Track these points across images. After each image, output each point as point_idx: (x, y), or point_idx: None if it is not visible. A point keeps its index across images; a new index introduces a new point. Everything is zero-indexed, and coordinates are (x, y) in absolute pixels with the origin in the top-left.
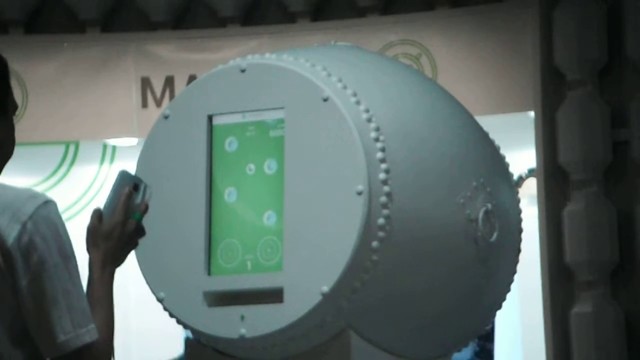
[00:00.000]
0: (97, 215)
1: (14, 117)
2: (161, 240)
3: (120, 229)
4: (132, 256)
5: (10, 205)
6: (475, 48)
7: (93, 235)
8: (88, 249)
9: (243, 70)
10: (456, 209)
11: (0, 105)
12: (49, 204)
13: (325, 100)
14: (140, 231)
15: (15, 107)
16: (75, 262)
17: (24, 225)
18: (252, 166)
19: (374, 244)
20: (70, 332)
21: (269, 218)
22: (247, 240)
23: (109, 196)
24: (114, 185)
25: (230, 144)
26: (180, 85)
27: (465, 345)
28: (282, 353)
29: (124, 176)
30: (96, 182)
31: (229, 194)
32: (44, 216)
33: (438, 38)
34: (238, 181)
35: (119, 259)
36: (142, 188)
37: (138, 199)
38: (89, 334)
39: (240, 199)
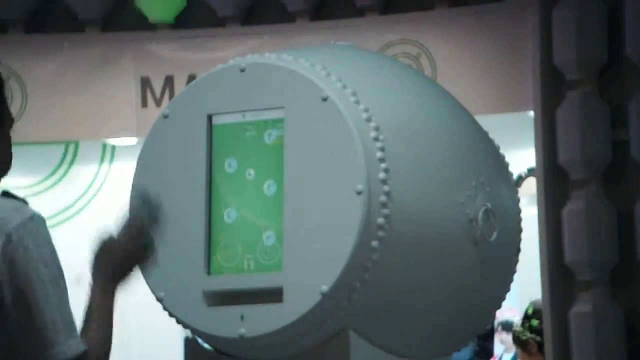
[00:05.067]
0: (105, 239)
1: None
2: (160, 240)
3: (131, 243)
4: None
5: None
6: (475, 48)
7: (98, 257)
8: (92, 271)
9: (243, 70)
10: (456, 208)
11: None
12: (35, 217)
13: (325, 99)
14: (150, 250)
15: (12, 120)
16: (61, 274)
17: (8, 237)
18: (251, 171)
19: (374, 243)
20: (53, 347)
21: (268, 196)
22: (246, 239)
23: (124, 217)
24: (131, 207)
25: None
26: (179, 85)
27: (465, 344)
28: (282, 353)
29: (143, 199)
30: (96, 182)
31: (228, 192)
32: (30, 229)
33: (438, 38)
34: (238, 179)
35: (124, 275)
36: (159, 219)
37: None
38: (72, 348)
39: (240, 196)
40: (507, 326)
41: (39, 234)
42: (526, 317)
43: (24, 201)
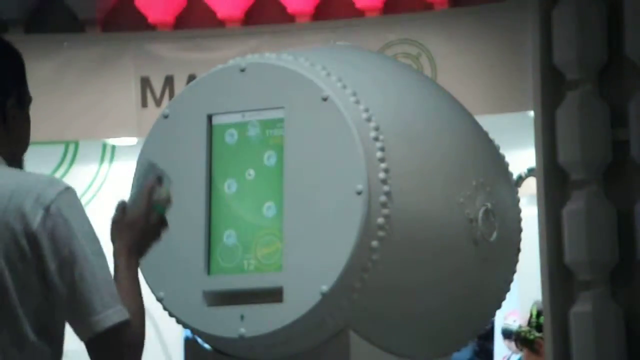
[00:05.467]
0: (122, 207)
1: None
2: (161, 240)
3: (144, 220)
4: None
5: (32, 190)
6: (475, 48)
7: (117, 227)
8: (113, 240)
9: (243, 70)
10: (456, 208)
11: (18, 99)
12: (69, 190)
13: (325, 99)
14: (163, 223)
15: (30, 100)
16: (100, 245)
17: (47, 210)
18: (251, 172)
19: (374, 243)
20: (100, 313)
21: (268, 217)
22: (246, 239)
23: (132, 187)
24: (137, 176)
25: (232, 136)
26: (180, 85)
27: (465, 344)
28: (282, 353)
29: (148, 167)
30: (96, 182)
31: (228, 193)
32: (66, 201)
33: (438, 38)
34: (238, 182)
35: (143, 250)
36: (165, 181)
37: (161, 192)
38: (118, 314)
39: (240, 199)
40: (506, 333)
41: (76, 206)
42: (532, 317)
43: None
